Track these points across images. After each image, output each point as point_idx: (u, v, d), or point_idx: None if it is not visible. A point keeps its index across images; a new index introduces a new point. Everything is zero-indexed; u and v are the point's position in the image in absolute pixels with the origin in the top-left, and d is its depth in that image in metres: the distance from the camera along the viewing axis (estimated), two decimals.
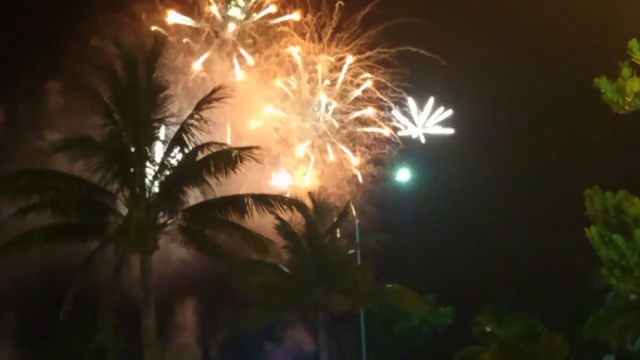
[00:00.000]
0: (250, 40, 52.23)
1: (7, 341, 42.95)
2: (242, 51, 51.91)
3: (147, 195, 27.34)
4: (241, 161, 26.99)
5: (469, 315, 48.72)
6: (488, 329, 48.37)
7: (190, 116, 27.63)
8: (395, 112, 54.05)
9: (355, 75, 53.32)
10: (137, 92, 27.11)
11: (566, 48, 45.29)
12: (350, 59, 52.64)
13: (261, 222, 29.96)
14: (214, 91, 28.02)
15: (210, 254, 28.91)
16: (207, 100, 27.81)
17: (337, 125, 53.57)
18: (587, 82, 19.32)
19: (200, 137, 27.71)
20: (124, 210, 27.23)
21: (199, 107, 27.73)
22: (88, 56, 38.90)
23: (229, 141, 44.17)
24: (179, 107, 36.64)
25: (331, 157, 53.63)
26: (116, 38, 29.36)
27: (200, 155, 27.47)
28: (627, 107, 18.74)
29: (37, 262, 29.18)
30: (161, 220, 27.74)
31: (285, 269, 36.81)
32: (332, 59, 52.68)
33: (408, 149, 54.57)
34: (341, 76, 53.04)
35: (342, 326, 38.73)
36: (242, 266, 29.72)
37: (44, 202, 26.58)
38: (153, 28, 49.10)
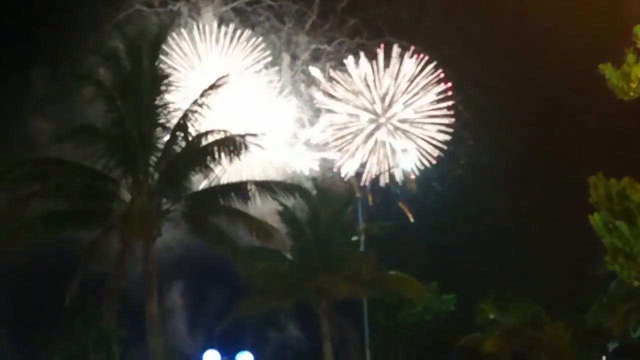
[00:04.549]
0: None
1: (10, 327, 43.02)
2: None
3: (150, 182, 27.28)
4: (246, 148, 27.01)
5: (471, 302, 48.78)
6: (491, 316, 48.48)
7: (194, 103, 27.62)
8: None
9: None
10: (140, 78, 27.05)
11: (570, 34, 45.14)
12: None
13: (264, 209, 29.95)
14: (219, 79, 28.04)
15: (213, 241, 28.87)
16: (211, 87, 27.80)
17: None
18: (591, 68, 19.26)
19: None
20: (127, 197, 27.20)
21: (202, 94, 27.71)
22: (91, 43, 38.85)
23: None
24: None
25: None
26: (119, 24, 29.30)
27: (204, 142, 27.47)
28: (631, 93, 18.69)
29: (40, 249, 29.15)
30: (164, 207, 27.72)
31: (289, 256, 36.82)
32: None
33: None
34: None
35: (345, 313, 38.68)
36: (245, 253, 29.67)
37: (47, 189, 26.55)
38: None
